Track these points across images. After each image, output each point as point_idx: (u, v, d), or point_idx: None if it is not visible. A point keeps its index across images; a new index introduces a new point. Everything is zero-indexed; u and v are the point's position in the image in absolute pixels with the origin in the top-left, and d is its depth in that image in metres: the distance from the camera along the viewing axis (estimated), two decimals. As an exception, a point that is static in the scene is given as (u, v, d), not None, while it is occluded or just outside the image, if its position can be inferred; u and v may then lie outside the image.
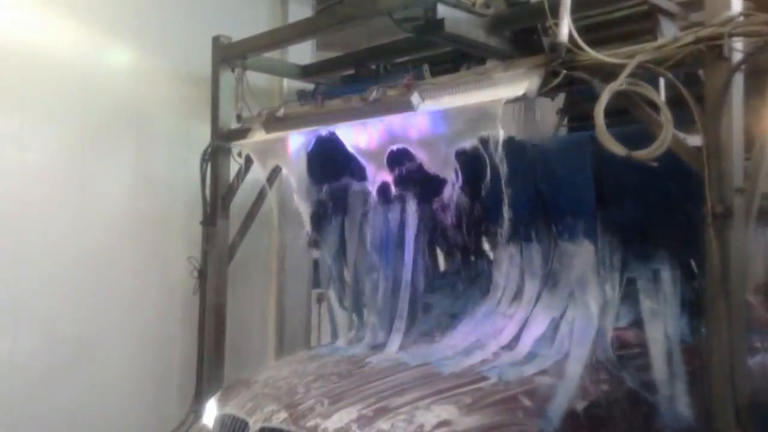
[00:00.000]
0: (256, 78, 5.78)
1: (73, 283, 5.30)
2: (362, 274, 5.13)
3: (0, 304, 4.94)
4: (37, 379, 5.09)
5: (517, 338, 4.29)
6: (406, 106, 3.92)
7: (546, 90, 3.61)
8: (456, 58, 5.17)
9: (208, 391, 5.34)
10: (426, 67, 4.65)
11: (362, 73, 5.78)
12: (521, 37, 4.84)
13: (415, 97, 3.87)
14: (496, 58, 4.88)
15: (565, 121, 5.77)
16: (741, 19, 3.09)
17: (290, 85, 6.45)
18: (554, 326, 4.25)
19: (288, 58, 6.37)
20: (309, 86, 6.15)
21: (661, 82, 3.56)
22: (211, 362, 5.62)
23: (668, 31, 4.48)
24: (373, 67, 5.74)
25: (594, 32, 3.87)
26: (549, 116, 5.67)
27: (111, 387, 5.47)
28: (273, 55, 6.09)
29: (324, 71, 6.04)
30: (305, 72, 6.06)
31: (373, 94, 4.05)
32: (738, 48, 3.12)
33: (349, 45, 6.59)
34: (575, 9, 3.55)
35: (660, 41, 3.30)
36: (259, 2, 6.62)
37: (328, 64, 6.03)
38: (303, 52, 6.43)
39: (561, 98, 5.52)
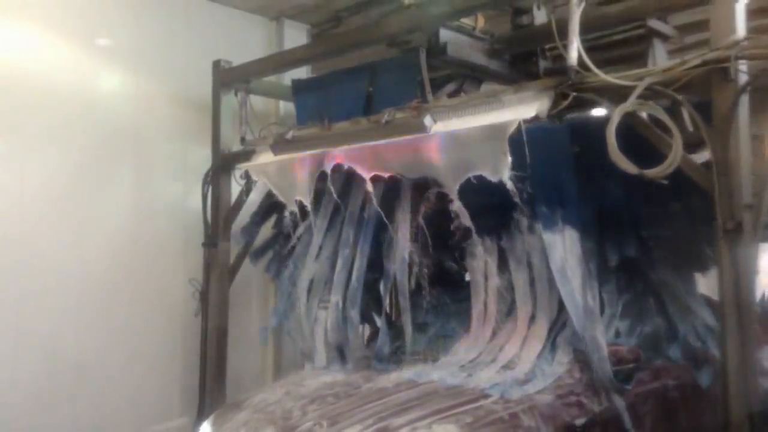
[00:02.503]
0: (252, 100, 5.82)
1: (74, 305, 5.30)
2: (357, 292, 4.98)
3: (2, 326, 4.93)
4: (39, 400, 5.07)
5: (518, 355, 4.27)
6: (419, 128, 3.98)
7: (555, 111, 3.68)
8: (451, 79, 5.27)
9: (210, 412, 5.32)
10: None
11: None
12: (520, 61, 4.99)
13: (427, 119, 3.93)
14: (496, 81, 5.03)
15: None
16: (746, 42, 3.21)
17: (287, 107, 6.52)
18: (552, 341, 4.26)
19: (284, 80, 6.44)
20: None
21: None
22: (213, 383, 5.63)
23: (660, 53, 4.66)
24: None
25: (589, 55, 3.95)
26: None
27: (112, 409, 5.45)
28: (269, 78, 6.15)
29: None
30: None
31: (385, 116, 4.11)
32: (743, 70, 3.23)
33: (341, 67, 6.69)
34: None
35: (668, 64, 3.41)
36: (255, 27, 6.70)
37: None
38: (298, 75, 6.49)
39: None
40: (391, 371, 4.46)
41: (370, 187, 4.52)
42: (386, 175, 4.48)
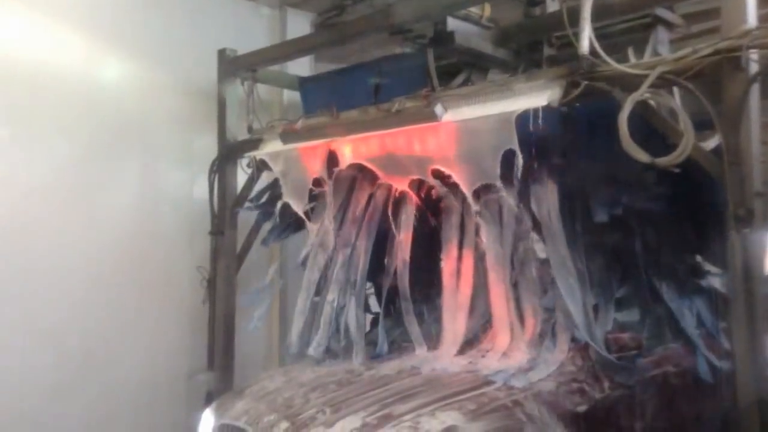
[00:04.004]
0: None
1: (82, 295, 5.34)
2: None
3: (9, 317, 4.96)
4: (48, 390, 5.11)
5: (514, 342, 4.25)
6: (430, 117, 3.98)
7: (567, 100, 3.68)
8: (458, 70, 5.28)
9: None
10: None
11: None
12: (526, 50, 5.00)
13: (438, 108, 3.92)
14: (502, 70, 5.04)
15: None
16: (757, 32, 3.23)
17: (290, 96, 6.53)
18: (551, 330, 4.23)
19: (287, 70, 6.46)
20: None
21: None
22: (220, 371, 5.67)
23: (663, 41, 4.68)
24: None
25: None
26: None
27: (120, 397, 5.51)
28: (272, 67, 6.16)
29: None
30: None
31: (396, 105, 4.11)
32: (754, 59, 3.24)
33: (341, 56, 6.69)
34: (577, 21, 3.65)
35: (680, 53, 3.41)
36: (258, 15, 6.71)
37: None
38: (303, 65, 6.53)
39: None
40: (393, 359, 4.46)
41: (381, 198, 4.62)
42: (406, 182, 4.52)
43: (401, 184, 4.56)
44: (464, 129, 4.03)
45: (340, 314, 4.73)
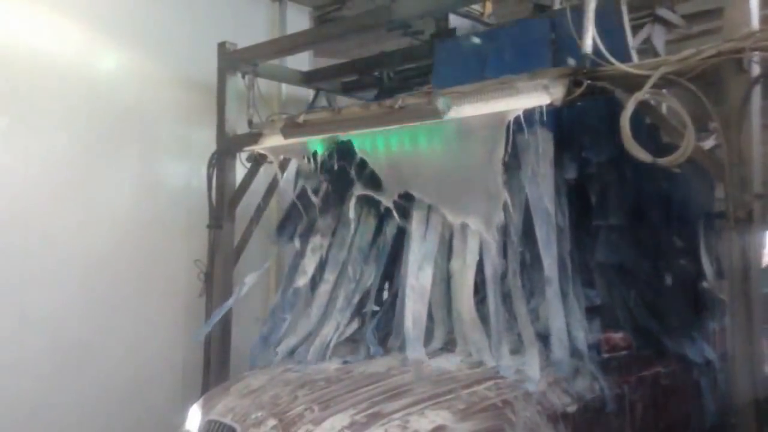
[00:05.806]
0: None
1: (79, 286, 5.34)
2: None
3: (7, 307, 4.96)
4: (44, 379, 5.12)
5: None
6: (433, 114, 3.97)
7: (569, 99, 3.69)
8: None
9: (213, 393, 5.35)
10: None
11: (366, 81, 5.91)
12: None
13: (441, 104, 3.92)
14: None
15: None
16: (760, 34, 3.25)
17: (288, 90, 6.53)
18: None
19: (286, 64, 6.46)
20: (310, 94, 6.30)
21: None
22: (217, 365, 5.67)
23: (659, 41, 4.71)
24: (377, 73, 5.86)
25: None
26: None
27: (116, 389, 5.50)
28: (271, 61, 6.17)
29: (327, 78, 6.13)
30: (308, 78, 6.15)
31: (398, 102, 4.10)
32: (756, 61, 3.26)
33: (340, 52, 6.70)
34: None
35: (683, 53, 3.42)
36: (258, 9, 6.70)
37: (332, 70, 6.11)
38: (301, 59, 6.52)
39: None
40: (384, 355, 4.42)
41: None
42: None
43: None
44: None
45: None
